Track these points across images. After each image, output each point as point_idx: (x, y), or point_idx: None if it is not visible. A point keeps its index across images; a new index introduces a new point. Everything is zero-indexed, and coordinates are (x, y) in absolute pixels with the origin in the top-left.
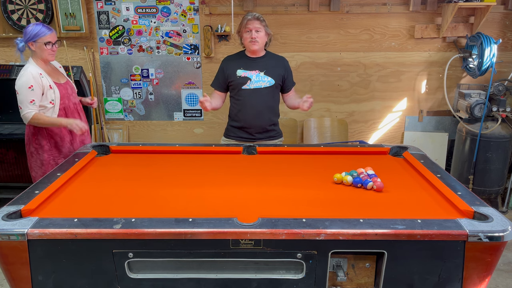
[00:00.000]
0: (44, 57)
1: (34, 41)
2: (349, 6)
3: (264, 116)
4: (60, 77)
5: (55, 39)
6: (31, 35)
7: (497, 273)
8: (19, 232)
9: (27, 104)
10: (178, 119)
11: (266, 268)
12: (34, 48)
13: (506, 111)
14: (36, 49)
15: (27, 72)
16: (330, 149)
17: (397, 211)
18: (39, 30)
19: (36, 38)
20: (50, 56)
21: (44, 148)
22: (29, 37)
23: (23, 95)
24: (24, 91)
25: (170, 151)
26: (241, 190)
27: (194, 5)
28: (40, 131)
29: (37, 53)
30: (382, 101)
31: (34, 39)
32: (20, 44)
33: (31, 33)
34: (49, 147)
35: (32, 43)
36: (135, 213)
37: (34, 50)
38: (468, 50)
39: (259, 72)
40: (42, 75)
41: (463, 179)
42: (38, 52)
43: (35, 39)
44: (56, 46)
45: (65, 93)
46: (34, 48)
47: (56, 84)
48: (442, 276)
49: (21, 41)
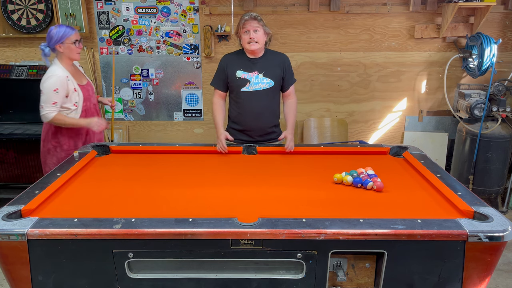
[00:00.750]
0: (72, 56)
1: (62, 42)
2: (349, 6)
3: (264, 118)
4: (82, 78)
5: (79, 37)
6: (58, 37)
7: (497, 273)
8: (19, 232)
9: (49, 105)
10: (178, 119)
11: (266, 268)
12: (62, 49)
13: (506, 111)
14: (64, 50)
15: (54, 75)
16: (330, 149)
17: (397, 211)
18: (65, 31)
19: (63, 39)
20: (77, 55)
21: (63, 147)
22: (56, 39)
23: (47, 96)
24: (49, 93)
25: (170, 151)
26: (241, 190)
27: (194, 5)
28: (61, 130)
29: (64, 54)
30: (382, 101)
31: (61, 40)
32: (46, 49)
33: (57, 35)
34: (68, 146)
35: (60, 45)
36: (135, 213)
37: (62, 51)
38: (468, 50)
39: (258, 74)
40: (68, 78)
41: (463, 179)
42: (66, 52)
43: (62, 40)
44: (81, 44)
45: (87, 95)
46: (61, 49)
47: (80, 87)
48: (442, 276)
49: (46, 46)
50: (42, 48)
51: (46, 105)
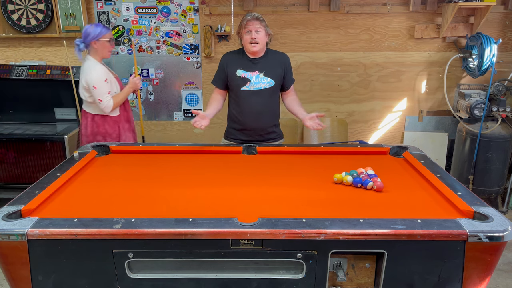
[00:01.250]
0: (105, 53)
1: (97, 39)
2: (349, 6)
3: (264, 118)
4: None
5: (112, 36)
6: (95, 34)
7: (497, 273)
8: (19, 232)
9: (106, 95)
10: (178, 119)
11: (266, 268)
12: (97, 46)
13: (506, 111)
14: (98, 47)
15: (96, 68)
16: (330, 149)
17: (397, 211)
18: (101, 30)
19: (99, 36)
20: (109, 53)
21: (112, 135)
22: (93, 36)
23: (101, 89)
24: (101, 85)
25: (170, 151)
26: (241, 190)
27: (194, 5)
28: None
29: (97, 51)
30: (382, 101)
31: (97, 37)
32: (81, 45)
33: (94, 33)
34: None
35: (95, 42)
36: (135, 213)
37: (96, 48)
38: (468, 50)
39: (258, 73)
40: (107, 70)
41: (463, 179)
42: (99, 49)
43: (98, 38)
44: (113, 43)
45: (121, 86)
46: (96, 46)
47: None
48: (442, 276)
49: (81, 42)
50: (77, 43)
51: (103, 97)
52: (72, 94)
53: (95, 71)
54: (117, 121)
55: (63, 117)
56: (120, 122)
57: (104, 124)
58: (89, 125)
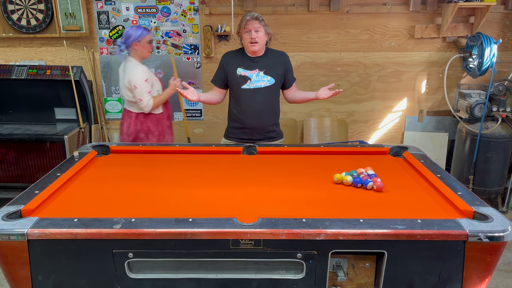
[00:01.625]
0: (145, 54)
1: (139, 41)
2: (349, 6)
3: (264, 116)
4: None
5: (152, 38)
6: (136, 36)
7: (497, 273)
8: (19, 232)
9: (146, 95)
10: (178, 119)
11: (266, 268)
12: (138, 47)
13: (506, 111)
14: (139, 48)
15: (138, 68)
16: (330, 149)
17: (397, 211)
18: (142, 32)
19: (140, 38)
20: (148, 54)
21: (154, 133)
22: (134, 38)
23: (141, 89)
24: (142, 85)
25: (170, 151)
26: (241, 190)
27: (194, 5)
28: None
29: (137, 52)
30: (382, 101)
31: (139, 39)
32: (123, 46)
33: (135, 35)
34: (158, 132)
35: (136, 43)
36: (135, 213)
37: (137, 49)
38: (468, 50)
39: (258, 72)
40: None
41: (463, 179)
42: (140, 50)
43: (139, 39)
44: (153, 44)
45: (162, 85)
46: (137, 47)
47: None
48: (442, 276)
49: (122, 43)
50: (119, 45)
51: (143, 97)
52: (72, 94)
53: (137, 71)
54: (159, 118)
55: (63, 117)
56: (162, 119)
57: (147, 121)
58: (132, 123)
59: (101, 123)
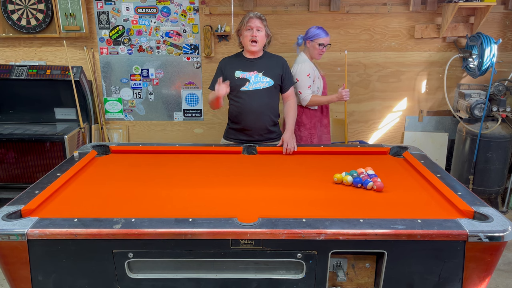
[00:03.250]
0: (314, 54)
1: (312, 40)
2: (349, 6)
3: (264, 117)
4: (320, 71)
5: (327, 42)
6: (312, 34)
7: (497, 273)
8: (19, 232)
9: (306, 89)
10: (178, 119)
11: (266, 268)
12: (309, 46)
13: (506, 111)
14: (310, 47)
15: (305, 63)
16: (330, 149)
17: (397, 211)
18: (318, 32)
19: (314, 38)
20: (318, 56)
21: (306, 126)
22: (309, 36)
23: (303, 82)
24: (303, 78)
25: (170, 151)
26: (241, 190)
27: (194, 5)
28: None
29: (309, 49)
30: (382, 101)
31: (312, 38)
32: (300, 40)
33: (312, 33)
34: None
35: (309, 41)
36: (135, 213)
37: (308, 47)
38: (468, 50)
39: (257, 73)
40: (314, 67)
41: (463, 179)
42: (310, 48)
43: (313, 39)
44: (326, 48)
45: (325, 84)
46: (309, 46)
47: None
48: (442, 276)
49: (301, 38)
50: (298, 38)
51: (303, 90)
52: (72, 94)
53: (302, 65)
54: (313, 113)
55: (63, 117)
56: (315, 116)
57: (302, 114)
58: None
59: (101, 123)
